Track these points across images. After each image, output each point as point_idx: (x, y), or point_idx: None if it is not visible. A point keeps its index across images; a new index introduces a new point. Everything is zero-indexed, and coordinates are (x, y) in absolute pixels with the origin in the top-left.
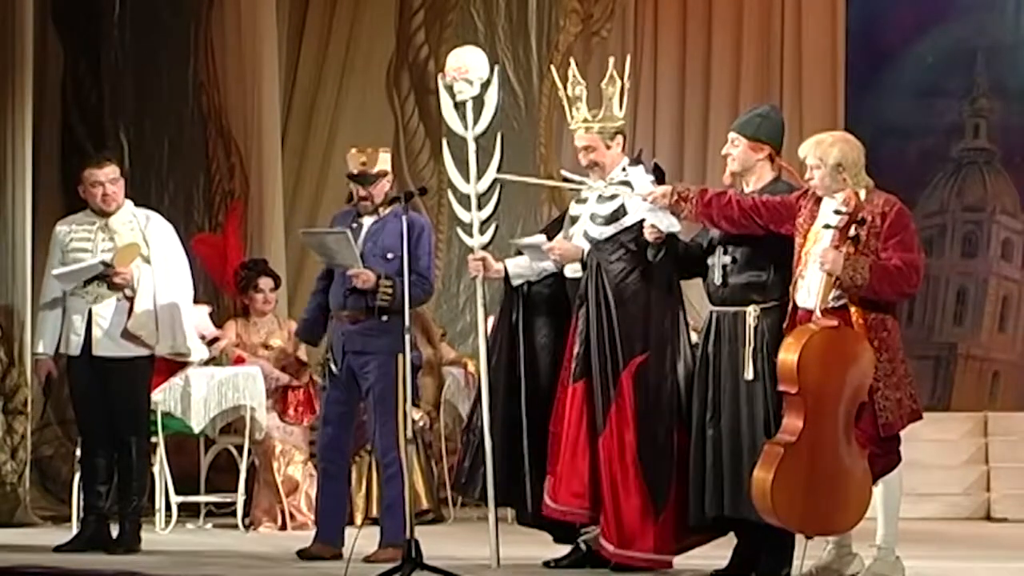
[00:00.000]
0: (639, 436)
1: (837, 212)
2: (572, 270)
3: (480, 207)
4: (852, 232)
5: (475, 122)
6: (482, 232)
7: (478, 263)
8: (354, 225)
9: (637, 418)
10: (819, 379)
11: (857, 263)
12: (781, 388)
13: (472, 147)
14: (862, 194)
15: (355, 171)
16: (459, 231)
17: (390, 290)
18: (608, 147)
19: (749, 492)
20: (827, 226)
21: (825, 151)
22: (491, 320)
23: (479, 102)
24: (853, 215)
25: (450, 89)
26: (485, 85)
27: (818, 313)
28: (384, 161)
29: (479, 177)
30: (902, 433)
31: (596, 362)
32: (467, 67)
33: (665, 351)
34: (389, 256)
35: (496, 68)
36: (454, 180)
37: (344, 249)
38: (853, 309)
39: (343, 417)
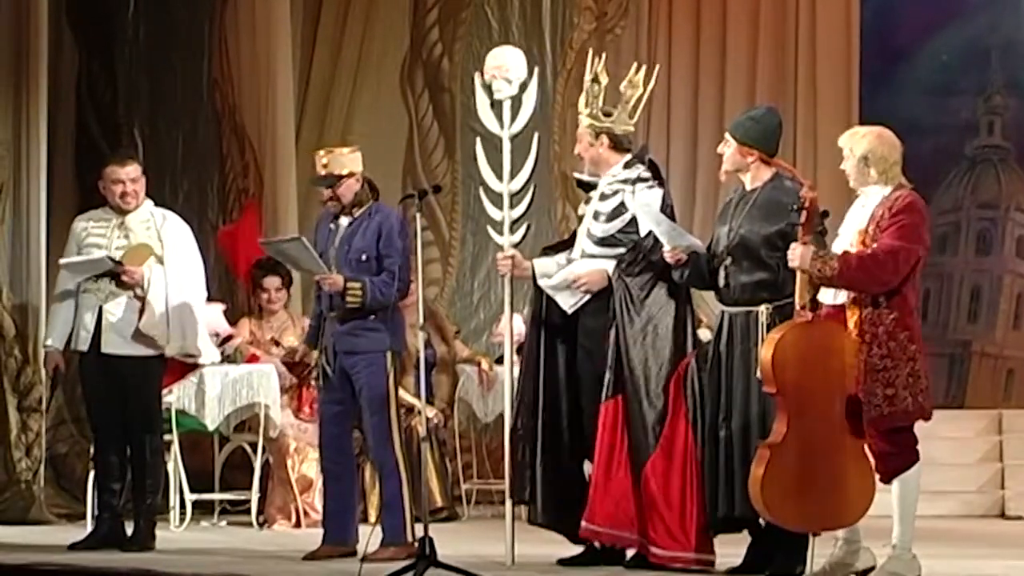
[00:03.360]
0: (696, 434)
1: (796, 207)
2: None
3: (512, 206)
4: (818, 227)
5: (512, 121)
6: (513, 231)
7: (507, 261)
8: (332, 226)
9: (692, 416)
10: (796, 376)
11: (826, 256)
12: (764, 389)
13: (507, 146)
14: (887, 190)
15: (317, 173)
16: (490, 230)
17: (359, 292)
18: (591, 144)
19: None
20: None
21: (856, 142)
22: (503, 319)
23: (517, 102)
24: (810, 208)
25: (488, 88)
26: (523, 86)
27: (797, 309)
28: (351, 161)
29: (512, 177)
30: (917, 431)
31: (630, 381)
32: (507, 66)
33: (700, 351)
34: (362, 258)
35: (536, 70)
36: (487, 179)
37: (303, 255)
38: (848, 307)
39: (339, 416)
